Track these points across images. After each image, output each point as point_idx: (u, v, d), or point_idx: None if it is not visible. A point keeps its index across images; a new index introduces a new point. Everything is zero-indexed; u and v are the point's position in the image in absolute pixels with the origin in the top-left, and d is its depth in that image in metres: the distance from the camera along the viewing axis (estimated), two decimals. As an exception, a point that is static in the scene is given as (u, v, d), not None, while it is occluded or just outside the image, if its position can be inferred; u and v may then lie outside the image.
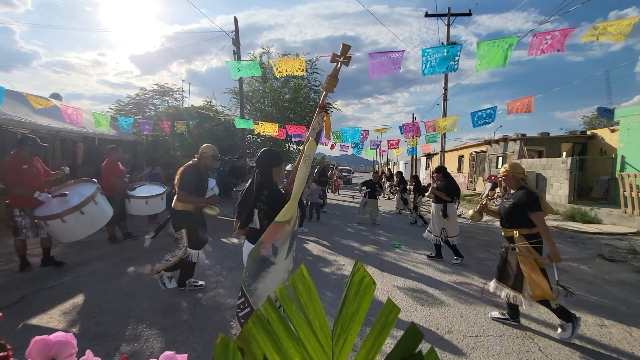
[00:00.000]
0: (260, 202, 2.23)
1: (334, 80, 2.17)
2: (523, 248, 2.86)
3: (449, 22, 13.84)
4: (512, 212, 2.92)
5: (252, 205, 2.27)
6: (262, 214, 2.23)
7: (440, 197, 5.01)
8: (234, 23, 11.41)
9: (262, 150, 2.45)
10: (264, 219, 2.22)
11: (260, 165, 2.34)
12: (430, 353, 0.49)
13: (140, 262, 4.64)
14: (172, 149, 10.80)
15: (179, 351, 0.50)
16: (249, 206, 2.28)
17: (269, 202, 2.21)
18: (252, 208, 2.27)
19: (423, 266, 4.87)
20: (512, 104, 5.51)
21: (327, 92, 2.21)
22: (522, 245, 2.86)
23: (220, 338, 0.47)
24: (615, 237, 7.31)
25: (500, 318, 3.12)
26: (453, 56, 3.42)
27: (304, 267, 0.57)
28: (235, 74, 4.25)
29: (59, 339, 0.48)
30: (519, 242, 2.87)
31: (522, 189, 2.93)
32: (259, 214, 2.24)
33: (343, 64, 2.16)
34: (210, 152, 3.66)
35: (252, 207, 2.27)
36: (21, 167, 3.91)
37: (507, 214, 2.97)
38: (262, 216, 2.23)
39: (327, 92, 2.21)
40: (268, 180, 2.30)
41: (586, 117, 28.41)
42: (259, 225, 2.24)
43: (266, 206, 2.22)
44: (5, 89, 5.35)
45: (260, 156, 2.38)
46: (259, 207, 2.24)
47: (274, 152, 2.45)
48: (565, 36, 3.02)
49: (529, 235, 2.85)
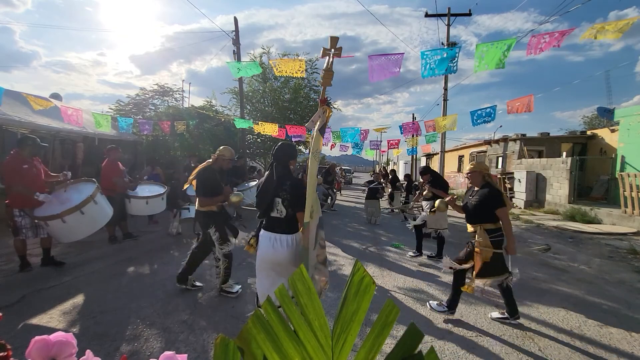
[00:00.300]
0: (284, 192, 2.38)
1: (329, 73, 2.25)
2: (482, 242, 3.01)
3: (449, 22, 13.84)
4: (479, 209, 3.07)
5: (272, 195, 2.40)
6: (286, 203, 2.38)
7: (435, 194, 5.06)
8: (234, 23, 11.41)
9: (279, 144, 2.59)
10: (288, 206, 2.38)
11: (279, 158, 2.50)
12: (430, 353, 0.49)
13: (140, 262, 4.65)
14: (172, 149, 10.79)
15: (179, 351, 0.50)
16: (269, 197, 2.41)
17: (292, 191, 2.37)
18: (272, 198, 2.40)
19: (423, 266, 4.87)
20: (512, 103, 5.50)
21: (325, 86, 2.32)
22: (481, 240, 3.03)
23: (220, 338, 0.47)
24: (615, 237, 7.32)
25: (500, 318, 3.12)
26: (452, 58, 3.42)
27: (303, 267, 0.57)
28: (236, 74, 4.27)
29: (59, 339, 0.48)
30: (480, 236, 3.03)
31: (486, 186, 3.11)
32: (282, 202, 2.38)
33: (335, 56, 2.24)
34: (228, 154, 3.66)
35: (272, 197, 2.40)
36: (21, 167, 3.91)
37: (474, 210, 3.11)
38: (286, 204, 2.38)
39: (325, 86, 2.32)
40: (288, 172, 2.49)
41: (586, 117, 28.43)
42: (284, 214, 2.39)
43: (289, 195, 2.37)
44: (5, 89, 5.34)
45: (279, 150, 2.52)
46: (283, 196, 2.38)
47: (291, 146, 2.63)
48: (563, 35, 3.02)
49: (493, 229, 3.01)
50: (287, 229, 2.40)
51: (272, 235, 2.40)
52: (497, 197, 3.00)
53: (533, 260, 5.37)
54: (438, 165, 14.10)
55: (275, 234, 2.39)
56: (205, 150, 10.77)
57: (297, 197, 2.33)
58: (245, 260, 4.86)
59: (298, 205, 2.32)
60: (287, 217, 2.39)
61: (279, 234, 2.39)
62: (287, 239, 2.38)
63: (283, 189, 2.38)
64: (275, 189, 2.40)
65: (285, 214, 2.38)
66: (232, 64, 4.20)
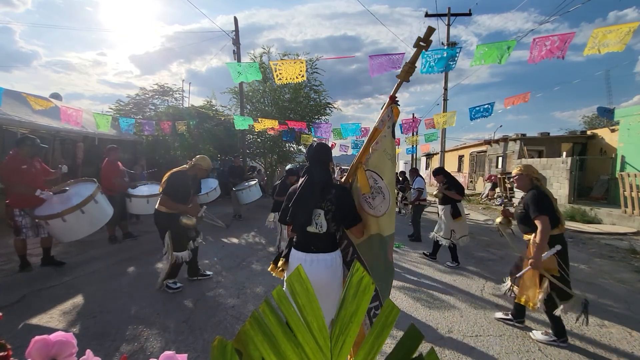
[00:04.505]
0: (327, 202, 1.93)
1: (412, 68, 1.98)
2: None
3: (449, 22, 13.84)
4: (522, 217, 2.77)
5: (313, 206, 1.94)
6: (329, 215, 1.92)
7: (449, 198, 4.77)
8: (234, 23, 11.41)
9: (315, 144, 2.18)
10: (331, 220, 1.92)
11: (318, 160, 2.04)
12: (430, 354, 0.49)
13: (140, 262, 4.64)
14: (172, 149, 10.79)
15: (179, 351, 0.50)
16: (309, 208, 1.94)
17: (339, 201, 1.93)
18: (312, 209, 1.94)
19: (423, 266, 4.86)
20: (510, 100, 5.57)
21: (402, 80, 2.00)
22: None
23: (217, 340, 0.47)
24: (615, 237, 7.31)
25: (504, 318, 3.11)
26: (451, 57, 3.42)
27: (301, 267, 0.57)
28: (236, 78, 4.26)
29: (59, 339, 0.48)
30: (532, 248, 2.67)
31: (534, 189, 2.75)
32: (325, 215, 1.92)
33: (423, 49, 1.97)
34: (205, 165, 3.70)
35: (313, 208, 1.94)
36: (20, 167, 3.91)
37: (519, 219, 2.84)
38: (329, 217, 1.92)
39: (402, 80, 2.00)
40: (330, 177, 2.04)
41: (586, 117, 28.42)
42: (325, 228, 1.93)
43: (335, 207, 1.92)
44: (5, 89, 5.34)
45: (318, 150, 2.09)
46: (326, 207, 1.92)
47: (327, 146, 2.23)
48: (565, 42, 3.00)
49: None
50: (327, 246, 1.96)
51: (307, 256, 1.94)
52: (534, 202, 2.61)
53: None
54: (438, 165, 14.10)
55: (311, 254, 1.94)
56: (206, 150, 10.76)
57: (344, 208, 1.92)
58: (245, 260, 4.86)
59: (346, 219, 1.93)
60: (327, 233, 1.94)
61: (316, 253, 1.94)
62: (327, 258, 1.94)
63: (327, 198, 1.93)
64: (317, 198, 1.95)
65: (327, 228, 1.93)
66: (233, 65, 4.19)
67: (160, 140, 10.69)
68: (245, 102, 12.80)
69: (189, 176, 3.61)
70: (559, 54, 3.03)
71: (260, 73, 4.29)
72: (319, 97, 13.68)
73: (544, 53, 3.10)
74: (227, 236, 6.32)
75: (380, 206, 1.96)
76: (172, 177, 3.51)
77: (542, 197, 2.65)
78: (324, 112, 14.00)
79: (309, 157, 2.09)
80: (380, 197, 1.96)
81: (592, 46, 2.92)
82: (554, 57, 3.06)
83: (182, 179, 3.54)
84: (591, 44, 2.93)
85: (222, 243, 5.88)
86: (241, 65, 4.24)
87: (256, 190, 8.13)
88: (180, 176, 3.53)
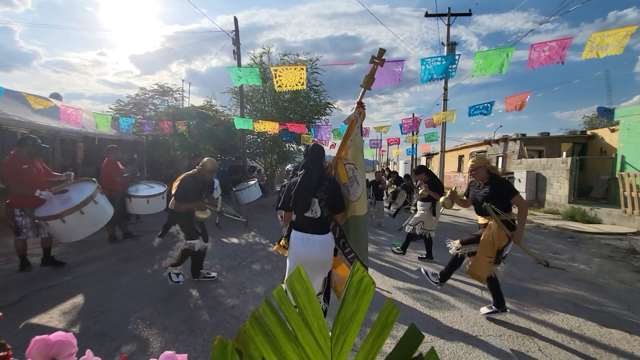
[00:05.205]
0: (321, 192, 2.37)
1: (371, 79, 2.56)
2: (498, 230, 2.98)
3: (449, 22, 13.83)
4: (491, 200, 3.04)
5: (311, 195, 2.38)
6: (322, 203, 2.37)
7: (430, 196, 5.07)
8: (234, 23, 11.40)
9: (312, 145, 2.65)
10: (324, 207, 2.38)
11: (314, 158, 2.52)
12: (431, 354, 0.49)
13: (140, 262, 4.64)
14: (172, 149, 10.78)
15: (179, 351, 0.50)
16: (308, 196, 2.38)
17: (330, 191, 2.38)
18: (310, 198, 2.38)
19: (423, 266, 4.85)
20: (511, 103, 5.59)
21: (365, 89, 2.57)
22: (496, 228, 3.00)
23: (218, 340, 0.47)
24: (615, 237, 7.31)
25: (489, 312, 3.15)
26: (451, 64, 3.43)
27: (301, 267, 0.57)
28: (236, 81, 4.29)
29: (59, 339, 0.48)
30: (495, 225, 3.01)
31: (493, 178, 3.11)
32: (319, 202, 2.37)
33: (378, 65, 2.56)
34: (210, 166, 3.83)
35: (311, 197, 2.38)
36: (21, 167, 3.90)
37: (484, 199, 3.10)
38: (322, 205, 2.37)
39: (365, 89, 2.57)
40: (324, 171, 2.52)
41: (586, 117, 28.42)
42: (319, 213, 2.37)
43: (327, 195, 2.37)
44: (5, 89, 5.34)
45: (315, 150, 2.56)
46: (320, 196, 2.37)
47: (321, 146, 2.71)
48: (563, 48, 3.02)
49: (505, 221, 3.00)
50: (320, 229, 2.40)
51: (305, 236, 2.39)
52: (509, 187, 3.03)
53: (532, 260, 5.36)
54: (438, 165, 14.09)
55: (308, 234, 2.39)
56: (206, 150, 10.76)
57: (335, 197, 2.38)
58: (245, 260, 4.86)
59: (336, 206, 2.39)
60: (320, 218, 2.39)
61: (311, 234, 2.39)
62: (320, 239, 2.38)
63: (321, 189, 2.38)
64: (314, 189, 2.39)
65: (320, 214, 2.38)
66: (233, 69, 4.20)
67: (160, 140, 10.68)
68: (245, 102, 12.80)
69: (199, 180, 3.80)
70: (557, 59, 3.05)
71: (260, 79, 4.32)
72: (319, 97, 13.68)
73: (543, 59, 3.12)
74: (227, 236, 6.32)
75: (356, 191, 2.44)
76: (183, 181, 3.71)
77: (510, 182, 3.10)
78: (324, 112, 14.01)
79: (307, 155, 2.55)
80: (355, 184, 2.45)
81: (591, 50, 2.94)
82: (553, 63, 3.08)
83: (193, 182, 3.74)
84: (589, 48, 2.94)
85: (222, 243, 5.88)
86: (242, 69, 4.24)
87: (256, 190, 8.14)
88: (192, 180, 3.74)
